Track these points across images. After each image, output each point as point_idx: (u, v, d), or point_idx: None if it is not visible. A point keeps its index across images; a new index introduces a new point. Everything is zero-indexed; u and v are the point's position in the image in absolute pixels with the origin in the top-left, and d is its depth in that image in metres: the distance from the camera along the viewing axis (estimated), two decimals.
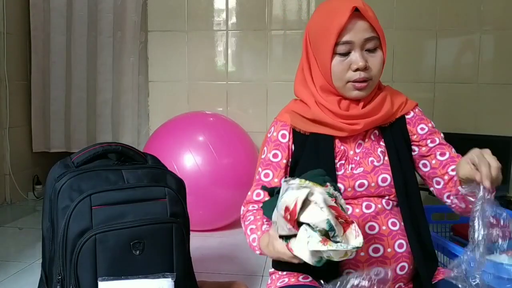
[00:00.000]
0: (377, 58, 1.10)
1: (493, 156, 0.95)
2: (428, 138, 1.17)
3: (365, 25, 1.07)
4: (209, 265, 1.94)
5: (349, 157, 1.14)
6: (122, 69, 2.96)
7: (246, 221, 1.11)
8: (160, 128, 2.52)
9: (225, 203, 2.35)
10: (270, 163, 1.16)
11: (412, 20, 2.63)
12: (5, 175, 2.92)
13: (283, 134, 1.16)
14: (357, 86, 1.10)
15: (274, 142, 1.17)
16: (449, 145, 1.18)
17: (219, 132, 2.42)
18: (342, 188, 1.11)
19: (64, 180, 1.19)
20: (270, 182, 1.14)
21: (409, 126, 1.18)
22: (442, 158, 1.16)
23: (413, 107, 1.20)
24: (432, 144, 1.17)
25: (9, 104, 2.87)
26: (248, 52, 2.84)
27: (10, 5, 2.87)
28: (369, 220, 1.09)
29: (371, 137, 1.16)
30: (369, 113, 1.13)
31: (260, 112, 2.82)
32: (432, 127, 1.19)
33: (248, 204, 1.16)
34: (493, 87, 2.64)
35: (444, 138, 1.20)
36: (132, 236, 1.16)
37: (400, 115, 1.18)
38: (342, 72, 1.10)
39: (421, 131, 1.18)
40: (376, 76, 1.11)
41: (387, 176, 1.11)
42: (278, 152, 1.16)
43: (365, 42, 1.07)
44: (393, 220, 1.10)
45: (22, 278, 1.82)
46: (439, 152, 1.16)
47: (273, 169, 1.15)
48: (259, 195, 1.14)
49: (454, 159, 1.15)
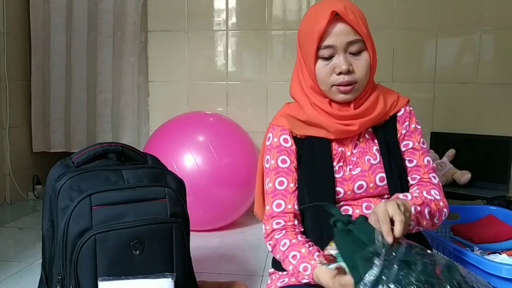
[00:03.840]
0: (362, 61, 1.09)
1: (398, 210, 0.91)
2: (404, 140, 1.17)
3: (347, 29, 1.06)
4: (209, 265, 1.94)
5: (347, 158, 1.14)
6: (122, 69, 2.96)
7: (282, 246, 1.07)
8: (160, 128, 2.52)
9: (225, 203, 2.35)
10: (280, 169, 1.13)
11: (412, 20, 2.63)
12: (5, 175, 2.91)
13: (285, 139, 1.15)
14: (341, 90, 1.09)
15: (278, 148, 1.15)
16: (424, 150, 1.17)
17: (219, 132, 2.42)
18: (342, 192, 1.11)
19: (64, 180, 1.19)
20: (286, 188, 1.12)
21: (398, 124, 1.18)
22: (409, 165, 1.17)
23: (404, 103, 1.19)
24: (403, 148, 1.17)
25: (9, 104, 2.87)
26: (248, 52, 2.84)
27: (10, 5, 2.87)
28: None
29: (366, 136, 1.16)
30: (363, 113, 1.13)
31: (260, 112, 2.82)
32: (413, 128, 1.18)
33: (270, 220, 1.12)
34: (493, 87, 2.64)
35: (423, 142, 1.18)
36: (132, 236, 1.16)
37: (393, 113, 1.17)
38: (326, 76, 1.10)
39: (404, 129, 1.18)
40: (362, 79, 1.10)
41: (384, 175, 1.11)
42: (285, 158, 1.14)
43: (348, 45, 1.07)
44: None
45: (22, 278, 1.82)
46: (408, 158, 1.17)
47: (286, 175, 1.13)
48: (280, 206, 1.11)
49: (418, 169, 1.16)
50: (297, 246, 1.05)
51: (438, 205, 1.11)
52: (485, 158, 2.29)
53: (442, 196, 1.14)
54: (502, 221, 1.71)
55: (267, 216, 1.13)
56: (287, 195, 1.12)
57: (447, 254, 1.51)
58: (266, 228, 1.13)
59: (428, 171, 1.16)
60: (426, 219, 1.07)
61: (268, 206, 1.13)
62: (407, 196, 1.07)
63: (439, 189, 1.15)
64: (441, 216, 1.12)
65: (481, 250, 1.58)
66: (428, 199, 1.09)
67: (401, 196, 1.06)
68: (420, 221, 1.06)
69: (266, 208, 1.14)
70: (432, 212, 1.08)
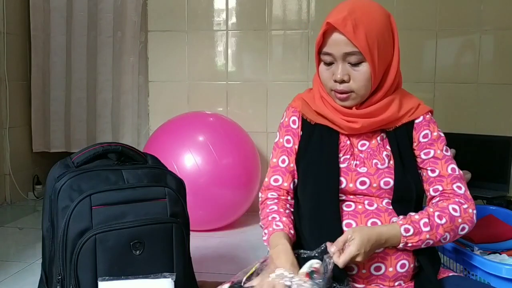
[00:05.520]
0: (360, 73, 1.08)
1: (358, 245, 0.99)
2: (426, 149, 1.14)
3: (343, 40, 1.06)
4: (209, 265, 1.94)
5: (354, 153, 1.15)
6: (122, 69, 2.96)
7: (268, 209, 1.17)
8: (160, 128, 2.52)
9: (225, 203, 2.35)
10: (285, 148, 1.21)
11: (412, 20, 2.63)
12: (5, 175, 2.92)
13: (294, 120, 1.21)
14: (338, 96, 1.12)
15: (286, 128, 1.22)
16: (447, 158, 1.14)
17: (219, 132, 2.42)
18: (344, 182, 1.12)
19: (64, 180, 1.18)
20: (287, 167, 1.19)
21: (414, 132, 1.16)
22: (431, 175, 1.14)
23: (424, 112, 1.17)
24: (425, 156, 1.14)
25: (9, 104, 2.87)
26: (248, 52, 2.84)
27: (10, 5, 2.87)
28: (372, 217, 1.09)
29: (377, 140, 1.16)
30: (369, 114, 1.12)
31: (260, 112, 2.82)
32: (436, 136, 1.15)
33: (267, 191, 1.21)
34: (493, 87, 2.64)
35: (446, 150, 1.14)
36: (132, 236, 1.16)
37: (408, 120, 1.15)
38: (326, 80, 1.13)
39: (423, 138, 1.15)
40: (359, 90, 1.09)
41: (390, 180, 1.11)
42: (290, 138, 1.21)
43: (345, 56, 1.07)
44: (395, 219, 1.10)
45: (22, 278, 1.82)
46: (430, 168, 1.14)
47: (288, 155, 1.20)
48: (277, 180, 1.20)
49: (441, 179, 1.12)
50: (281, 214, 1.15)
51: (452, 226, 1.07)
52: (485, 158, 2.29)
53: (462, 211, 1.09)
54: (502, 221, 1.70)
55: (264, 187, 1.22)
56: (286, 173, 1.19)
57: (447, 254, 1.51)
58: (261, 196, 1.23)
59: (452, 181, 1.11)
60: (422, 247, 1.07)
61: (267, 178, 1.22)
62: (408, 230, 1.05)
63: (465, 199, 1.10)
64: (456, 234, 1.09)
65: (481, 250, 1.58)
66: (436, 224, 1.06)
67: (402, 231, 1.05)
68: (410, 249, 1.06)
69: (265, 180, 1.22)
70: (437, 240, 1.06)
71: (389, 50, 1.11)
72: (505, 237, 1.64)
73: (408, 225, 1.05)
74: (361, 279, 1.07)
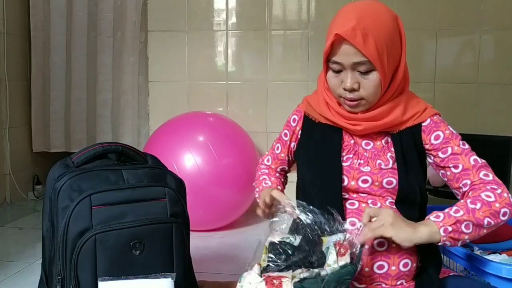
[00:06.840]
0: (370, 81, 1.08)
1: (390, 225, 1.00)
2: (442, 148, 1.13)
3: (352, 50, 1.05)
4: (209, 265, 1.94)
5: (359, 153, 1.15)
6: (122, 69, 2.96)
7: (259, 172, 1.39)
8: (160, 128, 2.52)
9: (225, 203, 2.35)
10: (281, 139, 1.34)
11: (412, 20, 2.63)
12: (5, 175, 2.91)
13: (294, 119, 1.29)
14: (348, 103, 1.12)
15: (288, 123, 1.31)
16: (467, 151, 1.12)
17: (219, 132, 2.42)
18: (346, 180, 1.12)
19: (64, 180, 1.18)
20: (278, 154, 1.35)
21: (423, 135, 1.15)
22: (456, 171, 1.12)
23: (430, 115, 1.16)
24: (443, 155, 1.13)
25: (9, 104, 2.87)
26: (248, 52, 2.84)
27: (10, 5, 2.87)
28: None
29: (382, 142, 1.16)
30: (372, 118, 1.13)
31: (260, 112, 2.82)
32: (449, 134, 1.14)
33: (261, 164, 1.42)
34: (493, 87, 2.64)
35: (463, 144, 1.13)
36: (132, 236, 1.16)
37: (413, 124, 1.15)
38: (335, 87, 1.13)
39: (435, 140, 1.14)
40: (369, 97, 1.10)
41: (393, 180, 1.11)
42: (287, 132, 1.31)
43: (354, 65, 1.07)
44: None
45: (22, 278, 1.82)
46: (452, 165, 1.12)
47: (282, 146, 1.34)
48: (269, 160, 1.40)
49: (467, 172, 1.10)
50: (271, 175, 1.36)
51: (490, 210, 1.04)
52: (485, 158, 2.28)
53: (497, 196, 1.06)
54: None
55: (260, 161, 1.43)
56: (276, 159, 1.37)
57: (447, 254, 1.51)
58: (257, 167, 1.43)
59: (478, 170, 1.10)
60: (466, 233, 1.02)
61: (264, 156, 1.42)
62: (439, 216, 1.03)
63: (496, 184, 1.08)
64: (497, 218, 1.05)
65: (481, 250, 1.58)
66: (471, 209, 1.03)
67: (432, 218, 1.03)
68: (458, 237, 1.02)
69: (263, 157, 1.43)
70: (476, 223, 1.03)
71: (397, 53, 1.11)
72: (505, 237, 1.64)
73: (436, 213, 1.04)
74: (364, 277, 1.07)
